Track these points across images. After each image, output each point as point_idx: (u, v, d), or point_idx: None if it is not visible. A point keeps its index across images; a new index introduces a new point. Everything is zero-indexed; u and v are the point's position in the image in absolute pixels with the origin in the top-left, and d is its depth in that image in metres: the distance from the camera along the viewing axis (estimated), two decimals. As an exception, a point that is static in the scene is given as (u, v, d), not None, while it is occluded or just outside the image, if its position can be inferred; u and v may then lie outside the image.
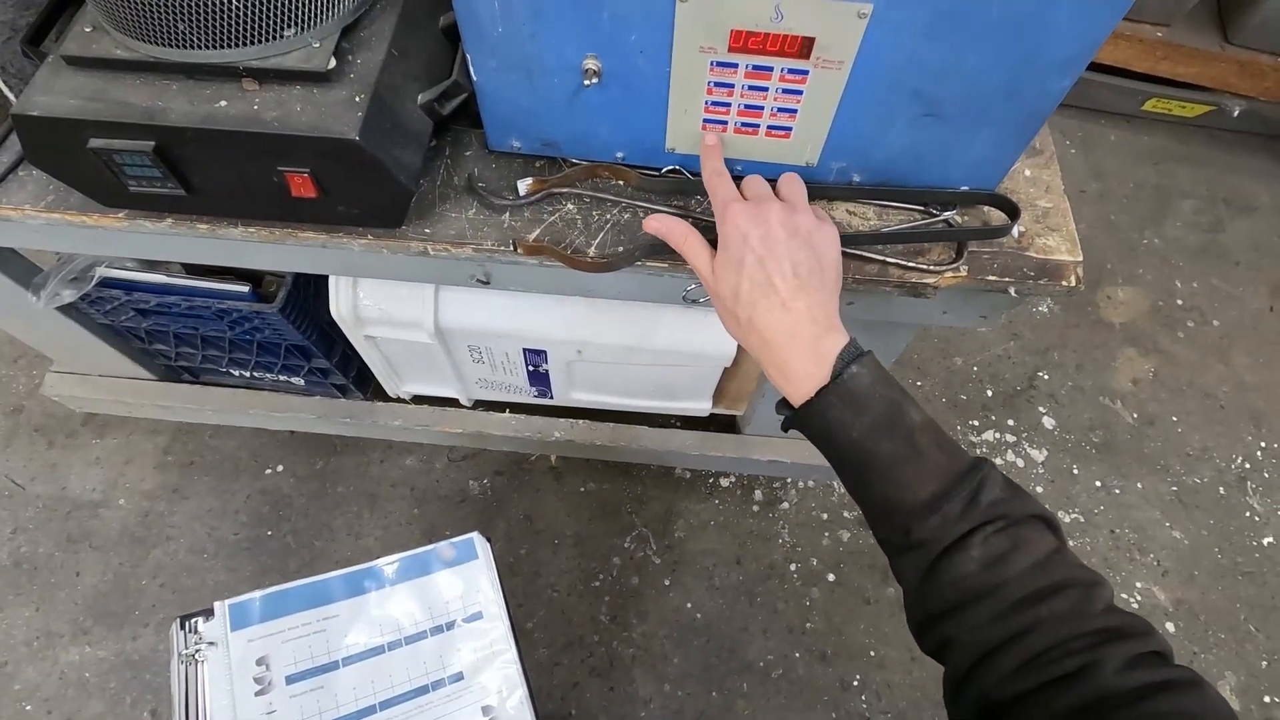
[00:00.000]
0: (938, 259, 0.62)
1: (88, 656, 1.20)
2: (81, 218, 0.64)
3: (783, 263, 0.49)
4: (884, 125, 0.57)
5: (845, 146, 0.60)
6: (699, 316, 0.92)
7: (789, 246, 0.50)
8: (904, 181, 0.63)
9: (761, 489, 1.38)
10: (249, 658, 0.56)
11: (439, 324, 0.93)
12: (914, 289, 0.62)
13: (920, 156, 0.60)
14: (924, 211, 0.64)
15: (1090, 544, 1.35)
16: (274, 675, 0.56)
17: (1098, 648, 0.38)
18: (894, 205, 0.64)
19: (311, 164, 0.55)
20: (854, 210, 0.65)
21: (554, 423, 1.18)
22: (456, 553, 0.65)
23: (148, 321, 1.01)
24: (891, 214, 0.65)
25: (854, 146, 0.60)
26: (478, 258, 0.64)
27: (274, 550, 1.30)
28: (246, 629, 0.57)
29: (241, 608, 0.58)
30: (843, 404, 0.45)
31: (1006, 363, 1.53)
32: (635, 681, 1.22)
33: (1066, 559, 0.43)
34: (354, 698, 0.57)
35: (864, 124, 0.57)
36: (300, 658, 0.57)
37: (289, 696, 0.56)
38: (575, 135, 0.63)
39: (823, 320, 0.48)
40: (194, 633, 0.56)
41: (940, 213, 0.64)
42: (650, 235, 0.63)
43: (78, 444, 1.37)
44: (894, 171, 0.62)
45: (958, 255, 0.62)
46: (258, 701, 0.55)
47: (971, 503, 0.42)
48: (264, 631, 0.58)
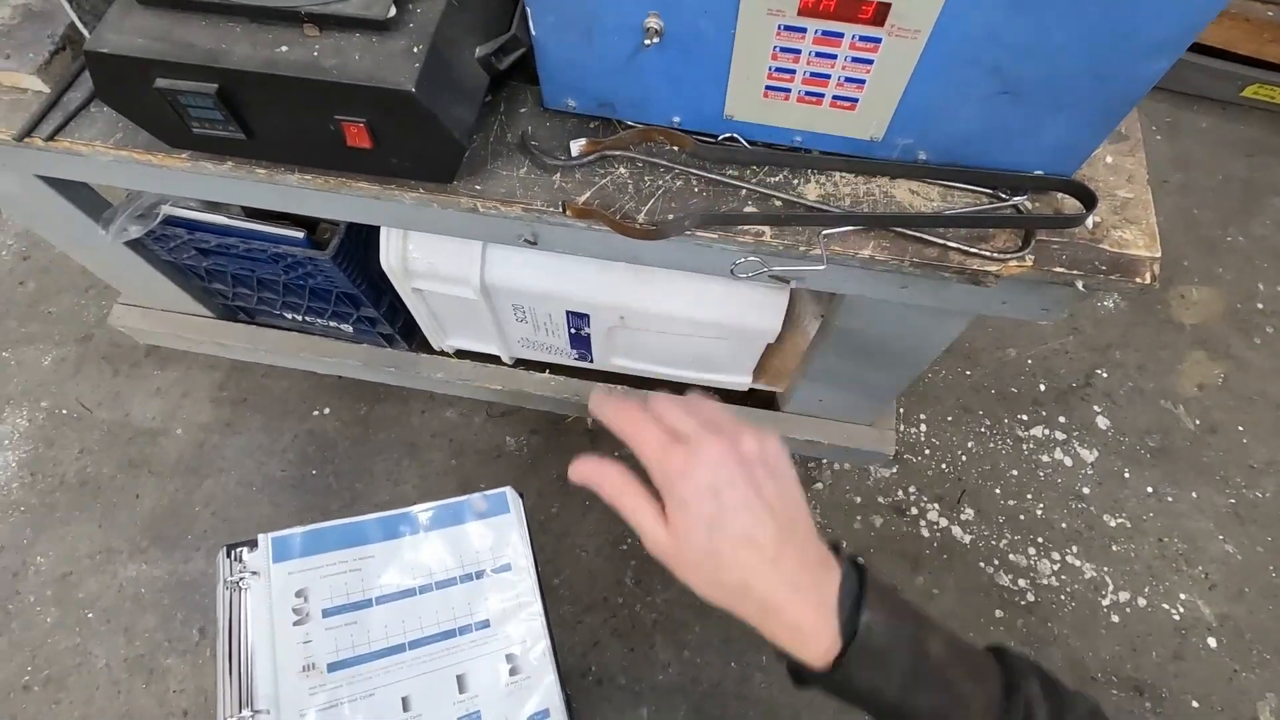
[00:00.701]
0: (1002, 246, 0.59)
1: (144, 574, 1.27)
2: (147, 156, 0.66)
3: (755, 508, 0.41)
4: (957, 101, 0.54)
5: (914, 122, 0.57)
6: (745, 290, 0.91)
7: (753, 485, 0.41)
8: (973, 162, 0.59)
9: (797, 467, 1.37)
10: (289, 589, 0.58)
11: (485, 281, 0.93)
12: (974, 276, 0.59)
13: (993, 137, 0.56)
14: (992, 195, 0.61)
15: (1135, 551, 1.30)
16: (311, 607, 0.58)
17: None
18: (960, 186, 0.61)
19: (367, 114, 0.55)
20: (916, 190, 0.62)
21: (592, 386, 1.18)
22: (489, 505, 0.66)
23: (208, 261, 1.04)
24: (957, 195, 0.62)
25: (923, 122, 0.57)
26: (526, 218, 0.64)
27: (317, 489, 1.35)
28: (287, 562, 0.60)
29: (284, 541, 0.60)
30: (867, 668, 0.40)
31: (1063, 357, 1.47)
32: (655, 646, 1.24)
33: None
34: (385, 635, 0.59)
35: (936, 99, 0.54)
36: (336, 593, 0.60)
37: (324, 629, 0.58)
38: (632, 97, 0.61)
39: (813, 556, 0.41)
40: (239, 561, 0.58)
41: (1009, 197, 0.60)
42: (702, 204, 0.62)
43: (140, 374, 1.44)
44: (963, 151, 0.59)
45: (1024, 244, 0.59)
46: (295, 631, 0.57)
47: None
48: (303, 566, 0.60)
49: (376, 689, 0.57)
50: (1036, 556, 1.31)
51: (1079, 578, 1.29)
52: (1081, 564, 1.30)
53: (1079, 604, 1.27)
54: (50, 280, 1.53)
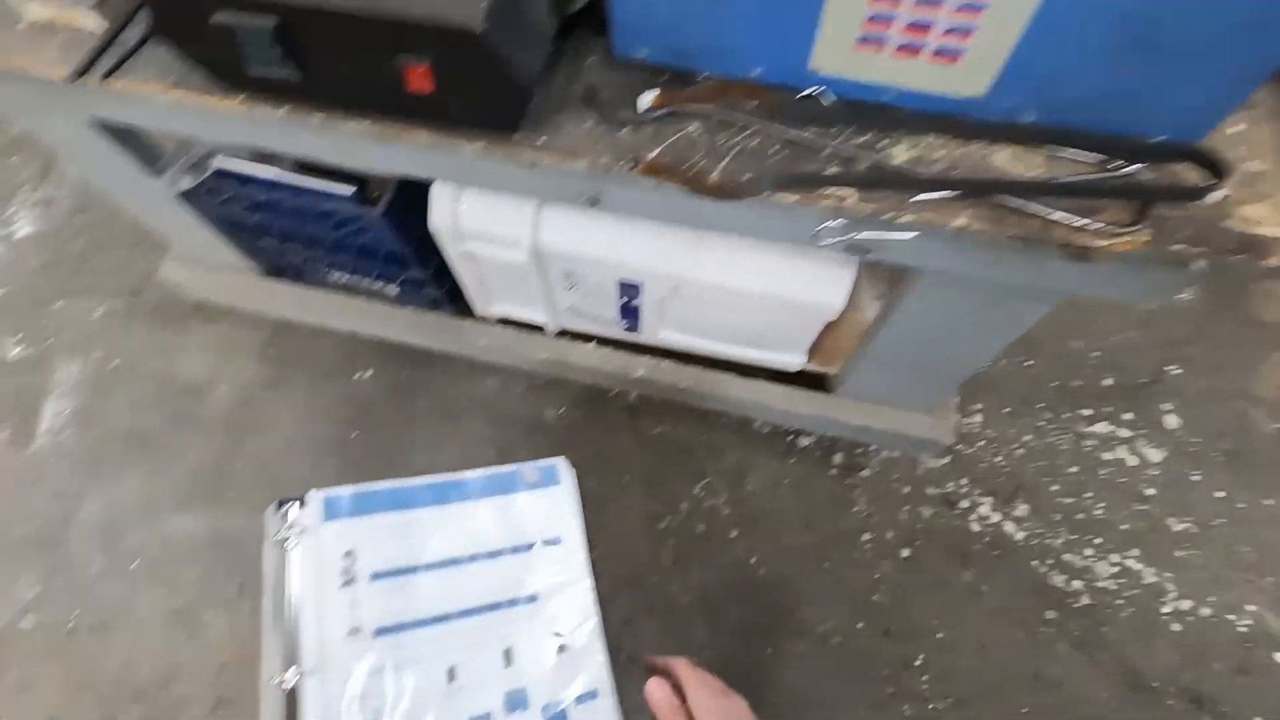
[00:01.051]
0: (1114, 219, 0.54)
1: (187, 528, 1.29)
2: (202, 99, 0.63)
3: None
4: (1079, 55, 0.48)
5: (1024, 78, 0.51)
6: (809, 263, 0.86)
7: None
8: (1086, 126, 0.54)
9: (842, 453, 1.33)
10: (338, 549, 0.56)
11: (537, 245, 0.90)
12: (1080, 252, 0.54)
13: (1115, 96, 0.51)
14: (1102, 163, 0.55)
15: (1200, 557, 1.23)
16: (359, 569, 0.56)
17: None
18: (1067, 154, 0.56)
19: (430, 55, 0.52)
20: (1019, 155, 0.57)
21: (637, 359, 1.15)
22: (540, 476, 0.64)
23: (257, 215, 1.03)
24: (1064, 163, 0.56)
25: (1035, 79, 0.51)
26: (591, 175, 0.60)
27: (357, 451, 1.35)
28: (336, 521, 0.57)
29: (334, 500, 0.58)
30: None
31: (1131, 351, 1.39)
32: (691, 626, 1.22)
33: None
34: (431, 603, 0.57)
35: (1055, 51, 0.49)
36: (384, 556, 0.58)
37: (372, 592, 0.56)
38: (712, 45, 0.57)
39: None
40: (287, 519, 0.56)
41: (1122, 166, 0.55)
42: (781, 164, 0.57)
43: (188, 329, 1.45)
44: (1077, 112, 0.53)
45: (1139, 217, 0.53)
46: (342, 592, 0.55)
47: None
48: (352, 526, 0.58)
49: (422, 658, 0.55)
50: (1094, 558, 1.25)
51: (1139, 582, 1.23)
52: (1142, 568, 1.23)
53: (1137, 609, 1.21)
54: (102, 234, 1.55)
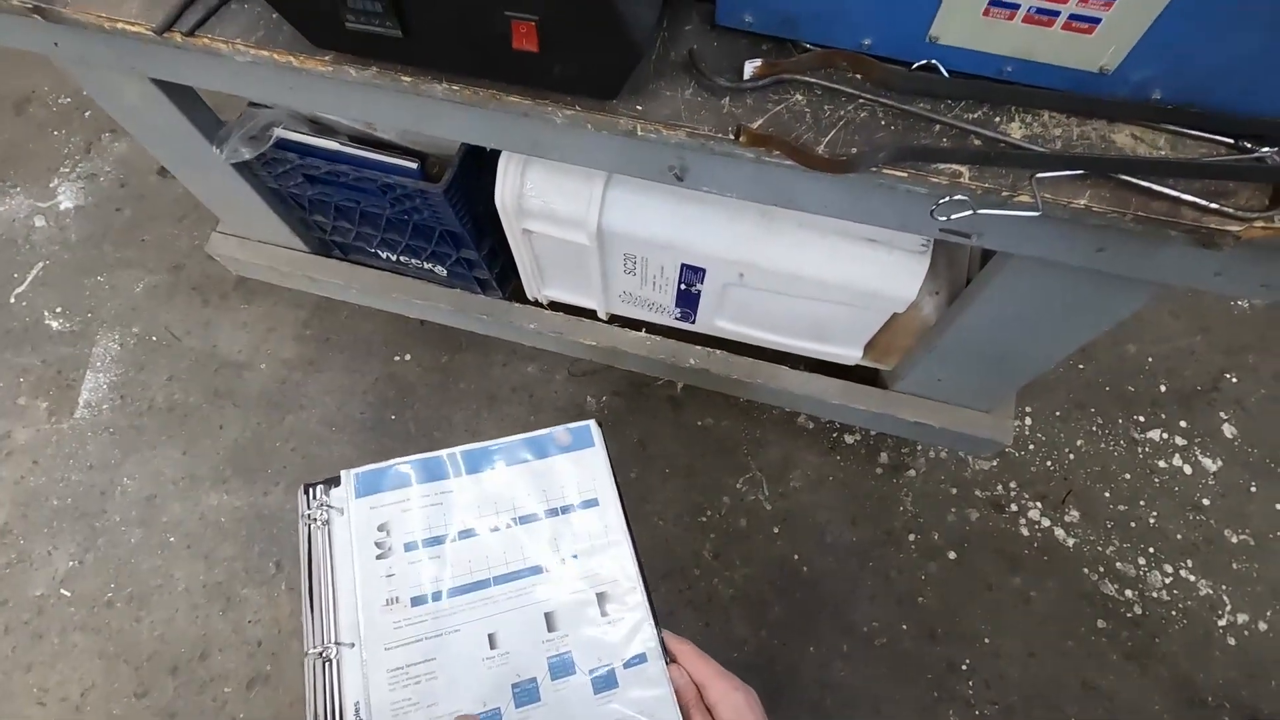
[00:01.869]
0: (1245, 204, 0.52)
1: (225, 504, 1.28)
2: (288, 57, 0.62)
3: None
4: (1226, 24, 0.46)
5: (1161, 51, 0.49)
6: (882, 253, 0.84)
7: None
8: (1218, 103, 0.52)
9: (888, 451, 1.30)
10: (371, 523, 0.56)
11: (601, 225, 0.88)
12: (1208, 237, 0.52)
13: (1256, 72, 0.48)
14: (1233, 145, 0.53)
15: (1258, 570, 1.20)
16: (394, 541, 0.56)
17: None
18: (1195, 134, 0.54)
19: (542, 10, 0.50)
20: (1140, 135, 0.54)
21: (690, 349, 1.13)
22: (573, 438, 0.62)
23: (313, 190, 1.01)
24: (1190, 145, 0.54)
25: (1173, 51, 0.49)
26: (690, 144, 0.58)
27: (396, 434, 1.34)
28: (369, 496, 0.58)
29: (366, 477, 0.58)
30: None
31: (1189, 358, 1.36)
32: (732, 621, 1.20)
33: None
34: (469, 570, 0.56)
35: (1202, 20, 0.46)
36: (419, 527, 0.57)
37: (408, 563, 0.56)
38: (822, 12, 0.55)
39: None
40: (318, 499, 0.56)
41: (1255, 148, 0.52)
42: (892, 137, 0.55)
43: (228, 306, 1.44)
44: (1211, 90, 0.51)
45: (1273, 203, 0.51)
46: (378, 565, 0.55)
47: None
48: (385, 500, 0.58)
49: (462, 625, 0.54)
50: (1147, 567, 1.22)
51: (1193, 594, 1.20)
52: (1197, 579, 1.20)
53: (1191, 622, 1.18)
54: (145, 208, 1.54)
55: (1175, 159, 0.52)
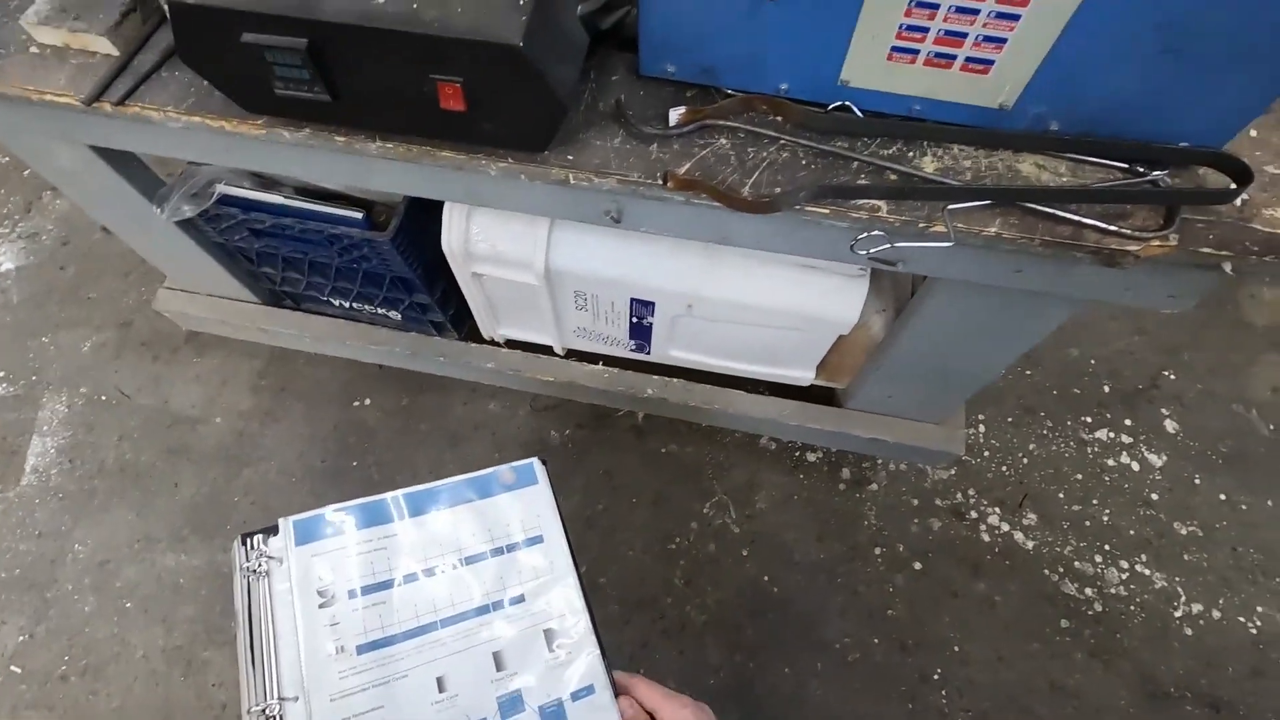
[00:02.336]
0: (1142, 224, 0.55)
1: (183, 564, 1.24)
2: (221, 122, 0.62)
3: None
4: (1110, 63, 0.49)
5: (1053, 87, 0.52)
6: (822, 278, 0.86)
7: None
8: (1112, 132, 0.55)
9: (850, 467, 1.33)
10: (313, 571, 0.56)
11: (549, 266, 0.90)
12: (1110, 257, 0.55)
13: (1143, 103, 0.52)
14: (1127, 170, 0.56)
15: (1207, 561, 1.24)
16: (337, 589, 0.56)
17: None
18: (1092, 160, 0.57)
19: (466, 72, 0.51)
20: (1043, 164, 0.58)
21: (647, 379, 1.14)
22: (517, 476, 0.63)
23: (259, 243, 1.01)
24: (1089, 171, 0.57)
25: (1064, 88, 0.52)
26: (622, 190, 0.60)
27: (357, 480, 1.32)
28: (310, 544, 0.57)
29: (305, 524, 0.58)
30: None
31: (1129, 358, 1.42)
32: (706, 647, 1.20)
33: None
34: (415, 614, 0.56)
35: (1085, 60, 0.50)
36: (362, 573, 0.57)
37: (351, 610, 0.55)
38: (740, 61, 0.57)
39: None
40: (256, 549, 0.56)
41: (1147, 172, 0.56)
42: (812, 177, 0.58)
43: (180, 361, 1.41)
44: (1103, 120, 0.54)
45: (1167, 222, 0.54)
46: (321, 614, 0.55)
47: None
48: (327, 547, 0.58)
49: (409, 670, 0.54)
50: (1104, 564, 1.25)
51: (1149, 588, 1.23)
52: (1151, 573, 1.24)
53: (1149, 615, 1.21)
54: (90, 265, 1.52)
55: (1074, 187, 0.55)
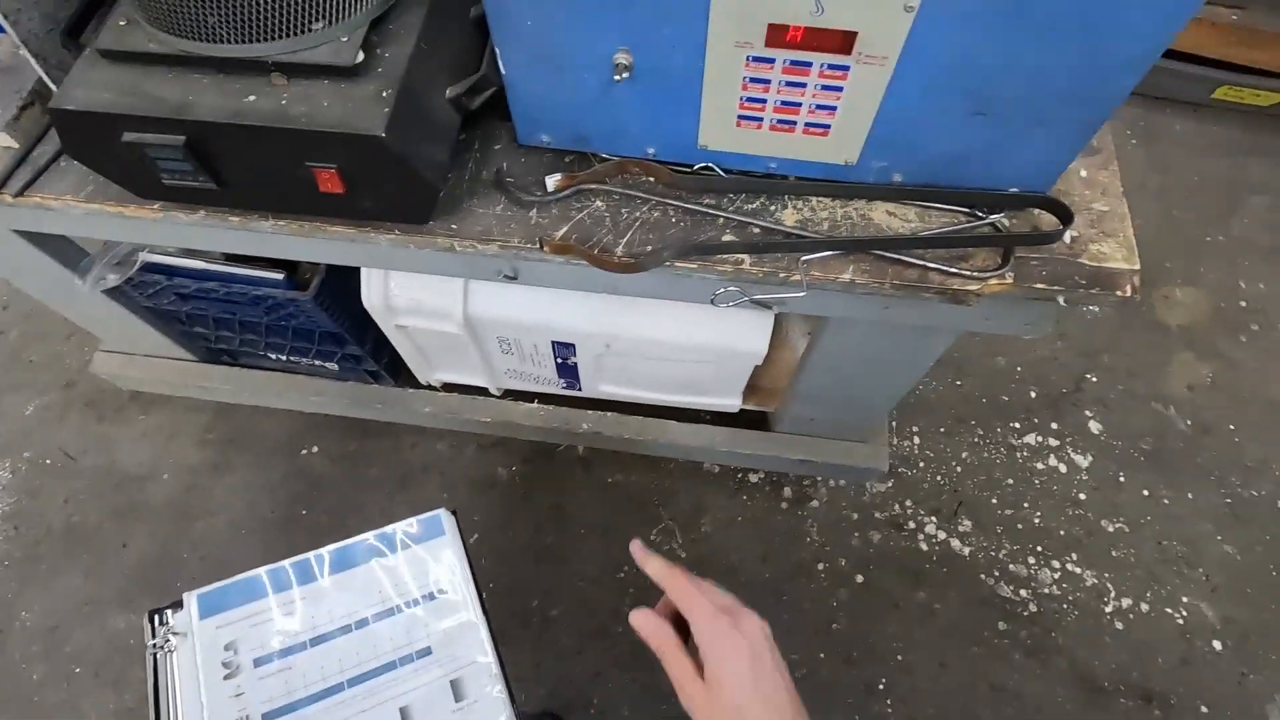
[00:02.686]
0: (982, 265, 0.59)
1: (133, 624, 1.24)
2: (119, 209, 0.65)
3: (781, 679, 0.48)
4: (930, 124, 0.54)
5: (887, 145, 0.57)
6: (731, 314, 0.90)
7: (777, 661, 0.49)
8: (949, 182, 0.59)
9: (791, 486, 1.36)
10: (218, 643, 0.58)
11: (468, 315, 0.93)
12: (955, 296, 0.59)
13: (968, 156, 0.56)
14: (969, 214, 0.61)
15: (1135, 555, 1.29)
16: (242, 659, 0.58)
17: None
18: (937, 206, 0.61)
19: (338, 160, 0.54)
20: (894, 211, 0.62)
21: (582, 414, 1.18)
22: (423, 529, 0.65)
23: (188, 305, 1.03)
24: (934, 216, 0.62)
25: (896, 145, 0.57)
26: (505, 255, 0.63)
27: (308, 528, 1.33)
28: (216, 616, 0.59)
29: (210, 596, 0.60)
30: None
31: (1052, 364, 1.47)
32: (658, 675, 1.21)
33: None
34: (321, 676, 0.58)
35: (908, 122, 0.54)
36: (267, 641, 0.59)
37: (257, 679, 0.57)
38: (605, 130, 0.61)
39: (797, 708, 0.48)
40: (163, 624, 0.58)
41: (987, 215, 0.60)
42: (680, 234, 0.61)
43: (125, 419, 1.42)
44: (938, 172, 0.59)
45: (1004, 261, 0.59)
46: (226, 685, 0.57)
47: None
48: (232, 618, 0.60)
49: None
50: (1036, 566, 1.30)
51: (1080, 585, 1.28)
52: (1082, 571, 1.29)
53: (1082, 612, 1.26)
54: (31, 328, 1.52)
55: (918, 233, 0.60)
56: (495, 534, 1.32)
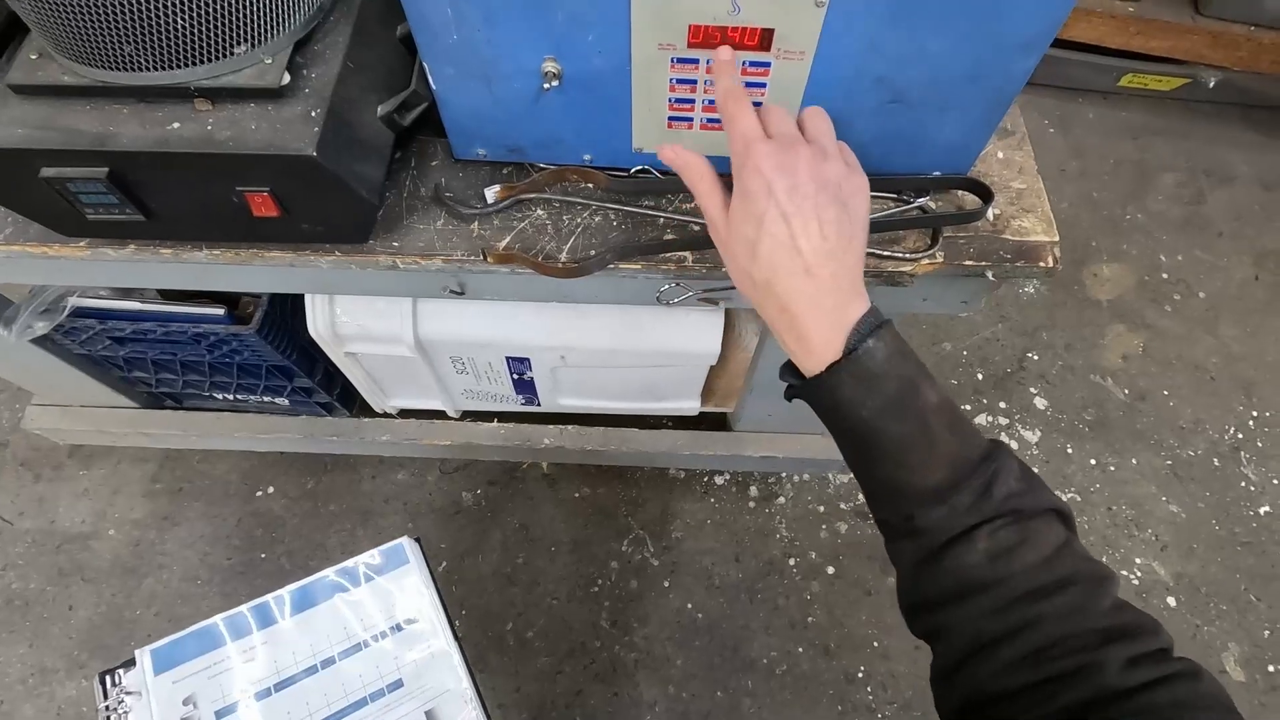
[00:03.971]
0: (913, 246, 0.62)
1: (84, 691, 1.18)
2: (42, 249, 0.63)
3: (810, 222, 0.43)
4: (850, 114, 0.56)
5: (813, 137, 0.59)
6: (681, 315, 0.92)
7: (817, 202, 0.43)
8: (876, 169, 0.62)
9: (757, 484, 1.38)
10: (175, 699, 0.56)
11: (419, 337, 0.92)
12: (891, 278, 0.61)
13: (890, 143, 0.59)
14: (898, 199, 0.63)
15: (1088, 522, 1.34)
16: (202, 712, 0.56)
17: (1100, 648, 0.37)
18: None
19: (270, 183, 0.54)
20: (827, 201, 0.64)
21: (543, 430, 1.17)
22: (386, 560, 0.64)
23: (125, 349, 1.00)
24: (864, 203, 0.64)
25: (822, 137, 0.59)
26: (449, 269, 0.63)
27: (268, 572, 1.29)
28: (171, 670, 0.57)
29: (164, 651, 0.58)
30: (855, 381, 0.42)
31: (995, 345, 1.53)
32: (639, 686, 1.22)
33: (1075, 553, 0.41)
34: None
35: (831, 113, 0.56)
36: (229, 691, 0.57)
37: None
38: (540, 140, 0.62)
39: (847, 287, 0.44)
40: (115, 685, 0.56)
41: (914, 199, 0.63)
42: (622, 236, 0.62)
43: (64, 476, 1.36)
44: (865, 159, 0.60)
45: (933, 242, 0.61)
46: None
47: (984, 495, 0.40)
48: (189, 670, 0.58)
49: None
50: (998, 541, 1.33)
51: (1041, 556, 1.32)
52: (1041, 542, 1.33)
53: (1044, 582, 1.29)
54: (-44, 389, 1.44)
55: (849, 220, 0.62)
56: (464, 560, 1.30)
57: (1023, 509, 0.40)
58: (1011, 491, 0.41)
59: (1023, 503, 0.41)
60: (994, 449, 0.43)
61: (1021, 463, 0.43)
